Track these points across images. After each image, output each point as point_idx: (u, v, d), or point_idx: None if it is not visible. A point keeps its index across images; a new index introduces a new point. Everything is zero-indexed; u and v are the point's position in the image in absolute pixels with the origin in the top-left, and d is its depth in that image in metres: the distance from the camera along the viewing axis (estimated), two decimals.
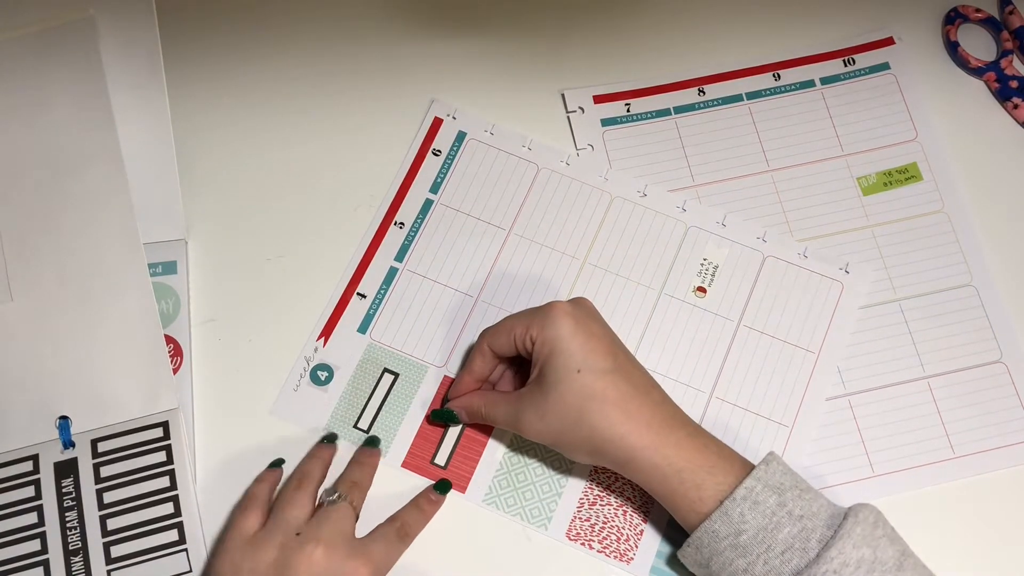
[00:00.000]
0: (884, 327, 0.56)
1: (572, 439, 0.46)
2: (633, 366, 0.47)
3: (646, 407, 0.46)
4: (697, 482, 0.44)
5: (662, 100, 0.61)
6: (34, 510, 0.49)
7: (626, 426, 0.45)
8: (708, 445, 0.46)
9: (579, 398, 0.45)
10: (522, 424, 0.47)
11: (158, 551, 0.49)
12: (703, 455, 0.45)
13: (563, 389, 0.45)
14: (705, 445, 0.46)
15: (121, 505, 0.50)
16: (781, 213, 0.58)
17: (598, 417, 0.45)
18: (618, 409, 0.45)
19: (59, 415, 0.51)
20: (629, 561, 0.50)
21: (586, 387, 0.45)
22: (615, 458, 0.46)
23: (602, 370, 0.46)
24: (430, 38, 0.63)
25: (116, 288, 0.53)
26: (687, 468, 0.44)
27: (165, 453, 0.51)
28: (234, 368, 0.54)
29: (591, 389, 0.45)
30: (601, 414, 0.45)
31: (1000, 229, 0.58)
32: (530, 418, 0.47)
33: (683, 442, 0.45)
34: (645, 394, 0.46)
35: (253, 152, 0.59)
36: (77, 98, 0.56)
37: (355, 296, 0.56)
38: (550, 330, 0.46)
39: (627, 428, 0.45)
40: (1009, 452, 0.53)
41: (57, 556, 0.48)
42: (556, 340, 0.46)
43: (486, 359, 0.50)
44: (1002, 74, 0.61)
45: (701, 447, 0.45)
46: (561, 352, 0.46)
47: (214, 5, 0.63)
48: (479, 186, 0.58)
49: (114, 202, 0.54)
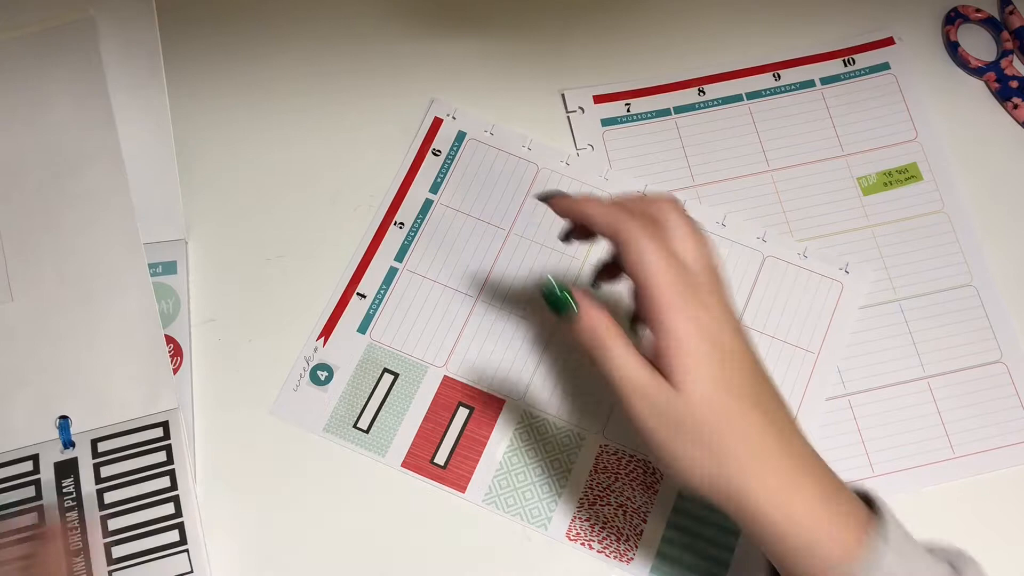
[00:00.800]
0: (884, 327, 0.56)
1: None
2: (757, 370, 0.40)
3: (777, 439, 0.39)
4: None
5: (662, 100, 0.61)
6: (35, 510, 0.49)
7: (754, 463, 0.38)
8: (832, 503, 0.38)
9: None
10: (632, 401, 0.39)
11: (159, 551, 0.49)
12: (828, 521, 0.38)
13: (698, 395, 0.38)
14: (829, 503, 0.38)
15: (122, 505, 0.49)
16: (781, 213, 0.58)
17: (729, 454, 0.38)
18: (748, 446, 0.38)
19: (59, 415, 0.51)
20: (629, 561, 0.50)
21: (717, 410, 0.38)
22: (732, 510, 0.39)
23: None
24: (430, 38, 0.63)
25: (116, 288, 0.53)
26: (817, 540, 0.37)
27: (165, 453, 0.51)
28: (234, 368, 0.54)
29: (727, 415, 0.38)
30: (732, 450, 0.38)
31: (1000, 229, 0.58)
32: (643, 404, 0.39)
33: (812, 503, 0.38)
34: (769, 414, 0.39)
35: (253, 152, 0.59)
36: (77, 98, 0.56)
37: (355, 296, 0.56)
38: None
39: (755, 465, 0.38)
40: (1009, 452, 0.53)
41: None
42: None
43: None
44: (1002, 74, 0.61)
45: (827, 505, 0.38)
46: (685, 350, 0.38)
47: (214, 5, 0.63)
48: (479, 186, 0.58)
49: (114, 202, 0.54)
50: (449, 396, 0.54)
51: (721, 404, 0.38)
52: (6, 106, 0.55)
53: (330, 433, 0.53)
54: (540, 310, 0.55)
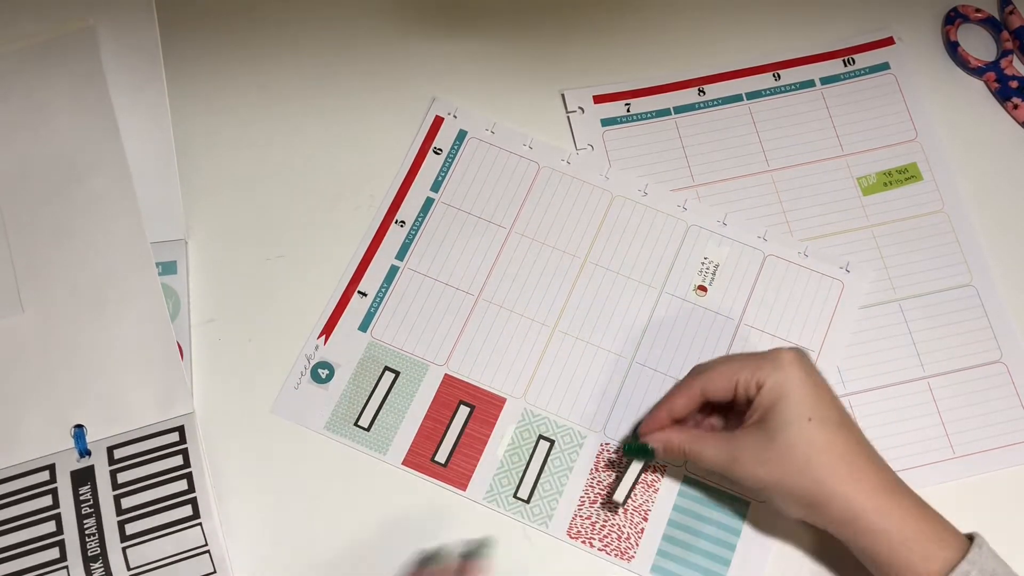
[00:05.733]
0: (884, 327, 0.56)
1: (792, 487, 0.45)
2: (855, 424, 0.46)
3: (871, 467, 0.45)
4: (926, 554, 0.43)
5: (662, 100, 0.61)
6: (52, 519, 0.49)
7: (853, 485, 0.44)
8: (932, 516, 0.44)
9: (808, 447, 0.44)
10: (738, 466, 0.46)
11: (180, 554, 0.49)
12: (931, 526, 0.44)
13: (792, 436, 0.44)
14: (930, 515, 0.44)
15: (139, 510, 0.49)
16: (781, 213, 0.58)
17: (826, 470, 0.44)
18: (846, 464, 0.44)
19: (74, 424, 0.51)
20: (630, 559, 0.50)
21: (815, 437, 0.44)
22: (836, 516, 0.44)
23: (833, 422, 0.45)
24: (431, 37, 0.63)
25: (127, 294, 0.53)
26: (915, 538, 0.43)
27: (182, 457, 0.51)
28: (235, 367, 0.54)
29: (821, 440, 0.44)
30: (830, 467, 0.44)
31: (1000, 229, 0.58)
32: (749, 461, 0.46)
33: (911, 509, 0.44)
34: (870, 454, 0.45)
35: (253, 152, 0.59)
36: (80, 107, 0.56)
37: (356, 294, 0.56)
38: (780, 375, 0.45)
39: (855, 487, 0.44)
40: (1009, 452, 0.53)
41: (76, 563, 0.48)
42: (786, 386, 0.45)
43: (692, 401, 0.48)
44: (1002, 74, 0.61)
45: (928, 517, 0.44)
46: (792, 398, 0.45)
47: (214, 5, 0.63)
48: (480, 185, 0.58)
49: (121, 208, 0.54)
50: (450, 394, 0.54)
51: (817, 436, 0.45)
52: (9, 117, 0.56)
53: (331, 431, 0.53)
54: None
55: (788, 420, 0.45)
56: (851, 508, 0.44)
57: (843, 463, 0.44)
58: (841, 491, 0.44)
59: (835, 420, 0.45)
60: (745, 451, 0.46)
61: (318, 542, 0.51)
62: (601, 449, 0.53)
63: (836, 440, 0.44)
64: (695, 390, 0.48)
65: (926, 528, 0.43)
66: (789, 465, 0.45)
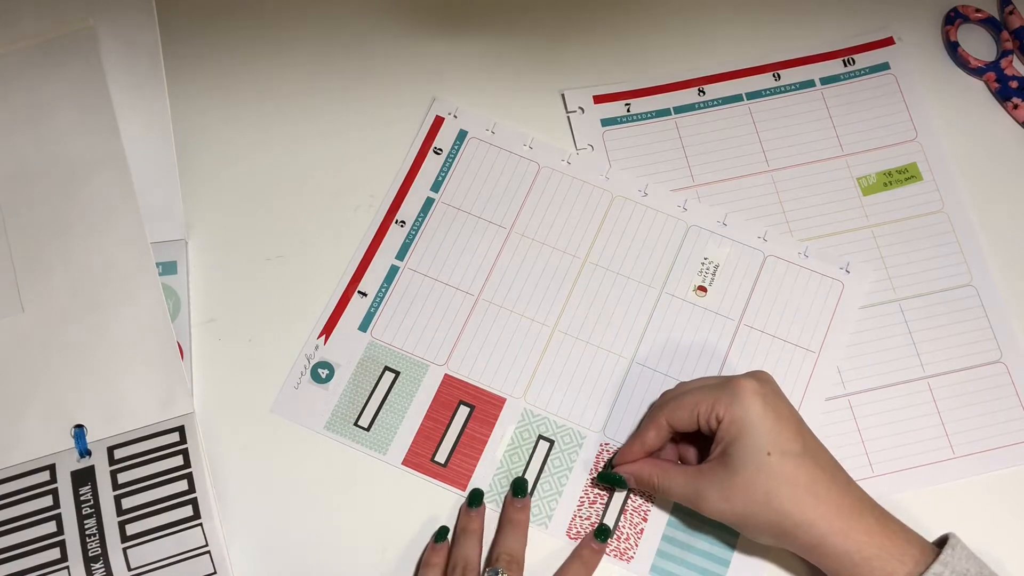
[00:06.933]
0: (884, 327, 0.56)
1: (757, 521, 0.45)
2: (819, 448, 0.47)
3: (835, 491, 0.45)
4: (888, 571, 0.43)
5: (662, 100, 0.61)
6: (53, 519, 0.49)
7: (816, 511, 0.44)
8: (896, 530, 0.45)
9: (769, 481, 0.44)
10: (703, 502, 0.46)
11: (180, 555, 0.49)
12: (892, 541, 0.44)
13: (752, 471, 0.45)
14: (893, 531, 0.45)
15: (140, 510, 0.49)
16: (781, 213, 0.58)
17: (788, 502, 0.44)
18: (808, 493, 0.44)
19: (74, 424, 0.51)
20: (630, 560, 0.50)
21: (776, 470, 0.44)
22: (803, 543, 0.45)
23: (792, 453, 0.45)
24: (431, 37, 0.63)
25: (127, 294, 0.53)
26: (877, 556, 0.43)
27: (182, 457, 0.51)
28: (235, 367, 0.54)
29: (781, 473, 0.44)
30: (791, 499, 0.44)
31: (1000, 229, 0.58)
32: (713, 497, 0.46)
33: (872, 528, 0.44)
34: (832, 477, 0.45)
35: (253, 152, 0.59)
36: (80, 107, 0.56)
37: (356, 294, 0.56)
38: (738, 409, 0.45)
39: (817, 513, 0.44)
40: (1009, 452, 0.53)
41: (77, 563, 0.48)
42: (745, 420, 0.45)
43: (661, 433, 0.49)
44: (1002, 74, 0.61)
45: (890, 533, 0.44)
46: (750, 433, 0.45)
47: (214, 6, 0.63)
48: (480, 184, 0.58)
49: (121, 208, 0.54)
50: (450, 394, 0.54)
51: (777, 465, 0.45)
52: (10, 117, 0.55)
53: (331, 431, 0.53)
54: None
55: (747, 455, 0.45)
56: (814, 534, 0.44)
57: (807, 493, 0.44)
58: (805, 520, 0.44)
59: (795, 451, 0.45)
60: (709, 487, 0.46)
61: (318, 542, 0.51)
62: (601, 449, 0.53)
63: (798, 472, 0.45)
64: (662, 423, 0.49)
65: (887, 545, 0.44)
66: (751, 500, 0.45)
